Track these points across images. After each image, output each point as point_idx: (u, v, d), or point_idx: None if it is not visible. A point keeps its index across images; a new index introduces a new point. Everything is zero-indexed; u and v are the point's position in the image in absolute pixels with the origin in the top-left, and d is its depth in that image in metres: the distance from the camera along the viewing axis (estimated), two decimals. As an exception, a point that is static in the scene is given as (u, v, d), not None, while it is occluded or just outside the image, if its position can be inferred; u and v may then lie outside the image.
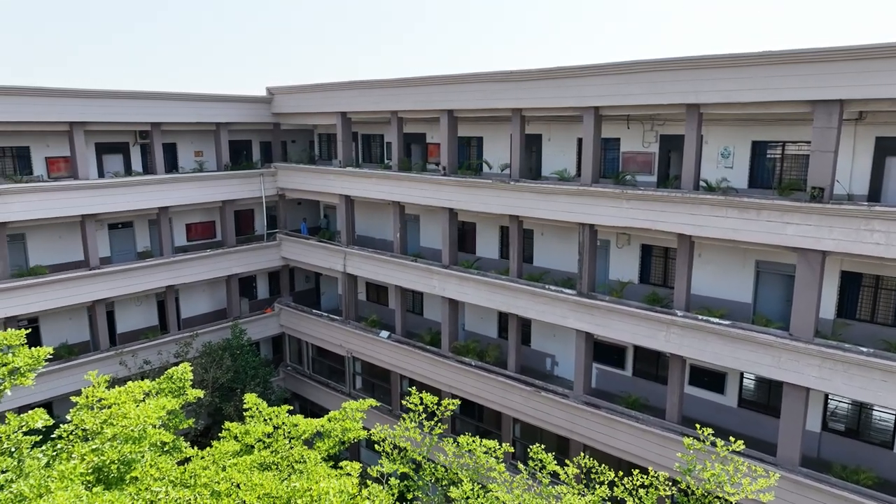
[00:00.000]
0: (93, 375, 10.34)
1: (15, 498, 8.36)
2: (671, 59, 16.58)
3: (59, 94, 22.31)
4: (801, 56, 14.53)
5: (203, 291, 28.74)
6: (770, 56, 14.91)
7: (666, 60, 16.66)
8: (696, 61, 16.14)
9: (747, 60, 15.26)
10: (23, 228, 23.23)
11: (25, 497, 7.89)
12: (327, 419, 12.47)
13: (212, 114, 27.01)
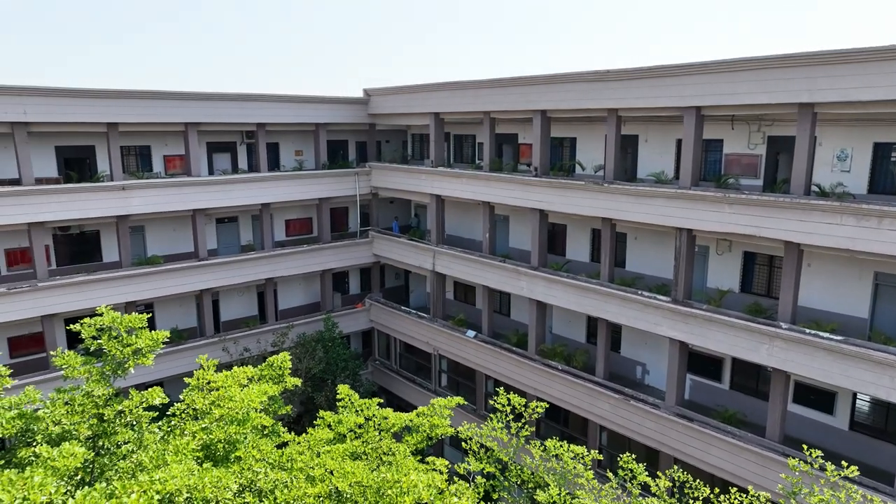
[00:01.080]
0: (203, 359, 11.07)
1: (135, 467, 9.11)
2: (783, 56, 15.62)
3: (177, 97, 24.04)
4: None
5: (299, 285, 30.06)
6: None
7: (777, 57, 15.72)
8: (811, 57, 15.12)
9: (872, 55, 14.13)
10: (143, 221, 25.21)
11: (145, 467, 8.57)
12: (416, 414, 12.71)
13: (312, 115, 28.20)
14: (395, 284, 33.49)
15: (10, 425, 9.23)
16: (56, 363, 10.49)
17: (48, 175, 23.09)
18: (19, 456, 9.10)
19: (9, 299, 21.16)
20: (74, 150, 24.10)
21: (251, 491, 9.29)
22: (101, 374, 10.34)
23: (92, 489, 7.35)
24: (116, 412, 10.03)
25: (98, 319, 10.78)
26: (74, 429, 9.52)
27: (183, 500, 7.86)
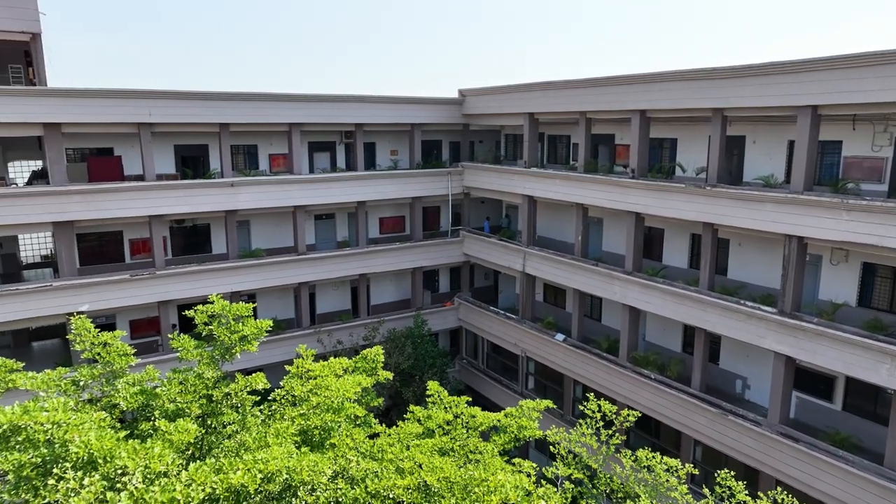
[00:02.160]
0: (302, 349, 11.59)
1: (239, 446, 9.69)
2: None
3: (283, 98, 25.29)
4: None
5: (390, 281, 30.79)
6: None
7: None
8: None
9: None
10: (248, 216, 26.72)
11: (248, 447, 9.09)
12: (504, 414, 12.69)
13: (408, 115, 28.80)
14: (485, 284, 33.58)
15: (133, 400, 10.06)
16: (173, 346, 11.33)
17: (167, 172, 24.96)
18: (140, 428, 9.90)
19: (131, 285, 23.07)
20: (190, 149, 25.91)
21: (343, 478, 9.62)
22: (211, 358, 11.06)
23: (202, 463, 7.89)
24: (224, 394, 10.71)
25: (209, 307, 11.55)
26: (187, 407, 10.25)
27: (282, 480, 8.27)
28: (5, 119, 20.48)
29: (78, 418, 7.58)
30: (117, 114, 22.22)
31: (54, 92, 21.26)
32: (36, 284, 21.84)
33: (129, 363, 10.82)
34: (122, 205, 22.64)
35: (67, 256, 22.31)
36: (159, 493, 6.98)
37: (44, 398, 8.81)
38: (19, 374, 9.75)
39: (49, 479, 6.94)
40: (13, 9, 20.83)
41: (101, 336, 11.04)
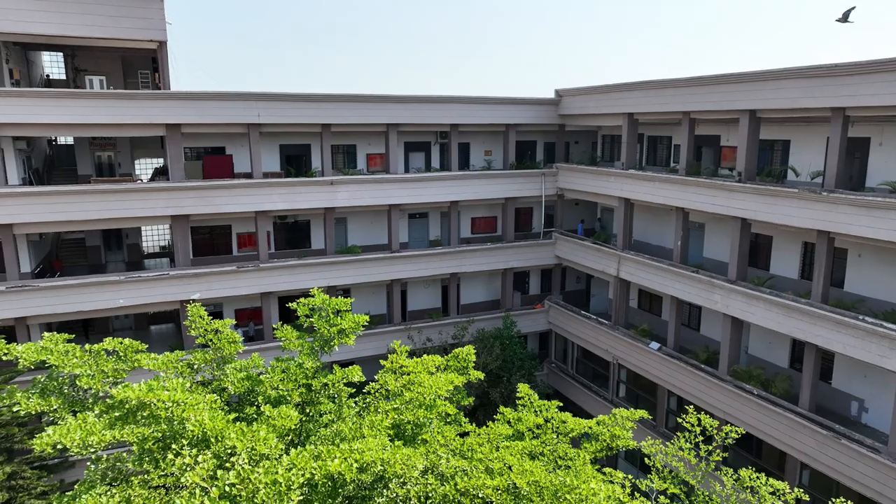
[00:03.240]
0: (396, 345, 11.84)
1: (335, 435, 10.04)
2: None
3: (382, 100, 25.97)
4: None
5: (481, 281, 30.87)
6: None
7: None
8: None
9: None
10: (346, 213, 27.66)
11: (345, 437, 9.41)
12: (595, 422, 12.40)
13: (503, 116, 28.75)
14: (576, 288, 32.96)
15: (240, 385, 10.68)
16: (276, 335, 11.92)
17: (273, 170, 26.29)
18: (246, 412, 10.48)
19: (237, 276, 24.49)
20: (294, 149, 27.16)
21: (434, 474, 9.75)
22: (311, 349, 11.55)
23: (302, 449, 8.23)
24: (322, 384, 11.14)
25: (311, 300, 12.05)
26: (288, 394, 10.75)
27: (376, 471, 8.48)
28: (134, 120, 22.34)
29: (193, 399, 8.12)
30: (230, 115, 23.65)
31: (176, 95, 22.94)
32: (155, 273, 23.68)
33: (238, 350, 11.47)
34: (231, 200, 24.07)
35: (182, 248, 24.01)
36: (263, 474, 7.36)
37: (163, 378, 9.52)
38: (143, 355, 10.58)
39: (168, 454, 7.50)
40: (143, 20, 22.67)
41: (213, 323, 11.78)
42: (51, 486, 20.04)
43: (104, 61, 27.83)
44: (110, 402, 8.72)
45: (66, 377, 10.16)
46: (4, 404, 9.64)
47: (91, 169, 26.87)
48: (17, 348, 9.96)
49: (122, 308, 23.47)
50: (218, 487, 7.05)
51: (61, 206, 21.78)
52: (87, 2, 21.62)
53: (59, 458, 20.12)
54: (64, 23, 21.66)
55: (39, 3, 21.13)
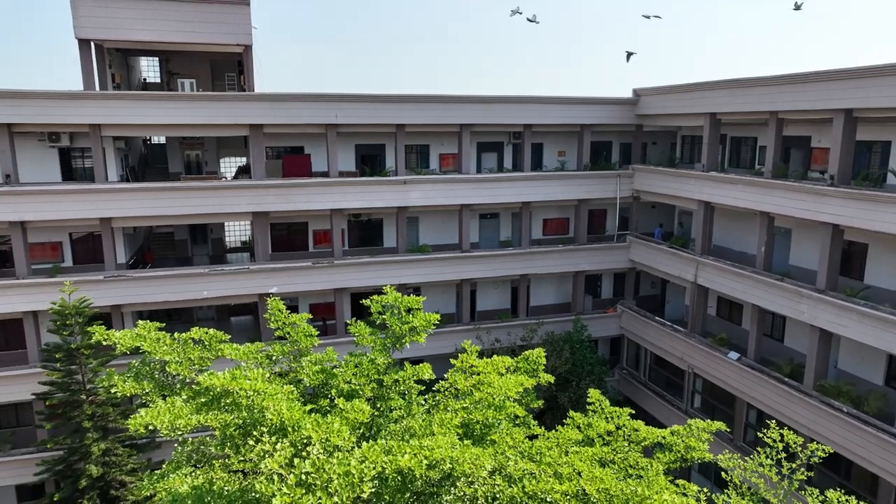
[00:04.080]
0: (467, 344, 11.91)
1: (405, 431, 10.20)
2: None
3: (456, 100, 26.12)
4: None
5: (551, 283, 30.51)
6: None
7: None
8: None
9: None
10: (417, 212, 28.00)
11: (414, 433, 9.54)
12: (669, 432, 12.03)
13: (577, 116, 28.29)
14: (651, 293, 32.01)
15: (315, 377, 11.03)
16: (350, 331, 12.23)
17: (348, 169, 26.96)
18: (320, 404, 10.82)
19: (313, 272, 25.28)
20: (369, 148, 27.74)
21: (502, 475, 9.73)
22: (383, 346, 11.79)
23: (374, 443, 8.41)
24: (393, 380, 11.35)
25: (383, 297, 12.30)
26: (360, 389, 11.02)
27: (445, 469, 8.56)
28: (221, 121, 23.48)
29: (272, 389, 8.48)
30: (309, 116, 24.44)
31: (259, 97, 23.93)
32: (237, 267, 24.80)
33: (313, 343, 11.86)
34: (308, 198, 24.86)
35: (262, 243, 25.01)
36: (337, 465, 7.57)
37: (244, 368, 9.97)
38: (226, 345, 11.12)
39: (248, 440, 7.85)
40: (230, 24, 23.78)
41: (290, 317, 12.23)
42: (139, 463, 21.38)
43: (195, 65, 29.38)
44: (196, 388, 9.22)
45: (157, 363, 10.82)
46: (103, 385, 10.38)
47: (181, 167, 28.46)
48: (115, 334, 10.69)
49: (206, 299, 24.71)
50: (294, 475, 7.31)
51: (154, 202, 23.18)
52: (183, 10, 22.90)
53: (148, 439, 21.41)
54: (162, 29, 23.03)
55: (142, 13, 22.57)
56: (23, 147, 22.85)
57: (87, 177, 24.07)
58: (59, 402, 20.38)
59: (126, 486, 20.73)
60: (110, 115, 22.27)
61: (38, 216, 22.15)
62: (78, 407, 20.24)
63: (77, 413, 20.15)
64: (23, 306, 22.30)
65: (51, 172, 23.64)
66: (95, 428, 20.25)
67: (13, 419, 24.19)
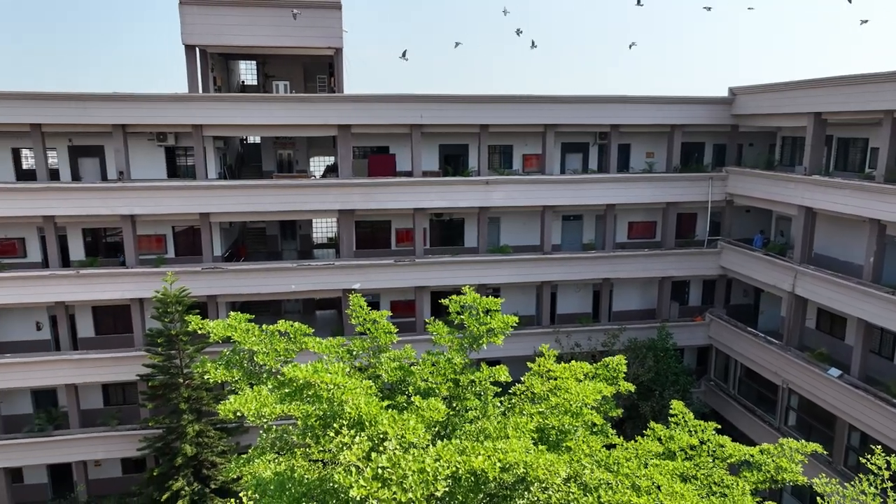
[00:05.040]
0: (545, 348, 11.78)
1: (479, 432, 10.21)
2: None
3: (541, 100, 25.85)
4: None
5: (635, 288, 29.60)
6: None
7: None
8: None
9: None
10: (499, 213, 27.93)
11: (489, 435, 9.54)
12: (759, 450, 11.39)
13: (668, 116, 27.27)
14: (743, 302, 30.37)
15: (393, 374, 11.26)
16: (428, 329, 12.37)
17: (431, 169, 27.28)
18: (397, 400, 11.03)
19: (394, 270, 25.79)
20: (452, 148, 27.95)
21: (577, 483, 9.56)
22: (461, 346, 11.85)
23: (448, 442, 8.48)
24: (469, 381, 11.39)
25: (462, 298, 12.36)
26: (437, 388, 11.13)
27: (518, 473, 8.51)
28: (311, 121, 24.40)
29: (352, 383, 8.72)
30: (395, 116, 24.94)
31: (347, 98, 24.67)
32: (323, 262, 25.69)
33: (392, 340, 12.09)
34: (392, 197, 25.38)
35: (347, 240, 25.77)
36: (412, 461, 7.70)
37: (326, 361, 10.32)
38: (309, 339, 11.55)
39: (328, 432, 8.12)
40: (322, 28, 24.67)
41: (371, 314, 12.53)
42: (229, 446, 22.61)
43: (289, 67, 30.68)
44: (281, 378, 9.64)
45: (246, 352, 11.39)
46: (198, 371, 11.04)
47: (273, 165, 29.80)
48: (208, 324, 11.36)
49: (294, 293, 25.76)
50: (371, 469, 7.50)
51: (248, 199, 24.41)
52: (279, 15, 23.98)
53: (237, 424, 22.58)
54: (260, 34, 24.24)
55: (243, 19, 23.84)
56: (134, 146, 24.69)
57: (189, 174, 25.68)
58: (159, 384, 21.87)
59: (216, 467, 21.98)
60: (211, 116, 23.67)
61: (146, 210, 23.85)
62: (176, 389, 21.64)
63: (175, 395, 21.55)
64: (131, 294, 24.09)
65: (158, 170, 25.41)
66: (191, 410, 21.59)
67: (121, 397, 26.24)
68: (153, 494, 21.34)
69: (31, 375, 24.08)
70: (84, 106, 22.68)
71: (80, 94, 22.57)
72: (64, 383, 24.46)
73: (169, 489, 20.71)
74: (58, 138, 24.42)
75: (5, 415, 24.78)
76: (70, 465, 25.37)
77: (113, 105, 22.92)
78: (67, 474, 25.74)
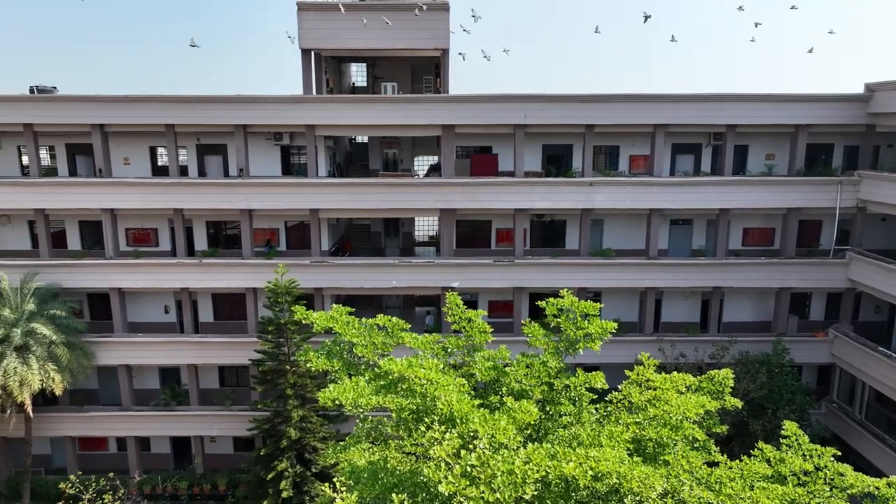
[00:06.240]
0: (645, 357, 11.35)
1: (572, 439, 10.01)
2: None
3: (650, 99, 24.86)
4: None
5: (749, 299, 27.79)
6: None
7: None
8: None
9: None
10: (602, 215, 27.18)
11: (582, 442, 9.33)
12: (886, 483, 10.34)
13: (791, 115, 25.32)
14: (874, 319, 27.65)
15: (486, 373, 11.28)
16: (524, 331, 12.28)
17: (534, 169, 27.02)
18: (489, 400, 11.04)
19: (493, 270, 25.81)
20: (556, 149, 27.55)
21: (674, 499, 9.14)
22: (556, 349, 11.66)
23: (539, 446, 8.39)
24: (564, 385, 11.20)
25: (560, 301, 12.16)
26: (530, 390, 11.03)
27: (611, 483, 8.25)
28: (416, 121, 24.94)
29: (445, 380, 8.83)
30: (499, 116, 24.95)
31: (451, 98, 24.98)
32: (423, 260, 26.23)
33: (487, 340, 12.12)
34: (494, 197, 25.40)
35: (447, 239, 26.11)
36: (501, 462, 7.68)
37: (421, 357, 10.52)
38: (406, 334, 11.82)
39: (420, 426, 8.27)
40: (430, 30, 25.12)
41: (467, 312, 12.62)
42: (329, 433, 23.62)
43: (397, 69, 31.54)
44: (378, 371, 9.94)
45: (346, 344, 11.85)
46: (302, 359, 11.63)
47: (379, 164, 30.76)
48: (312, 315, 11.93)
49: (394, 288, 26.46)
50: (460, 466, 7.56)
51: (355, 196, 25.39)
52: (389, 18, 24.73)
53: (336, 412, 23.54)
54: (371, 37, 25.11)
55: (355, 23, 24.81)
56: (253, 145, 26.37)
57: (301, 172, 27.08)
58: (268, 369, 23.24)
59: (317, 452, 23.04)
60: (323, 116, 24.82)
61: (262, 205, 25.42)
62: (283, 375, 22.90)
63: (282, 381, 22.81)
64: (246, 283, 25.79)
65: (273, 167, 26.99)
66: (295, 396, 22.76)
67: (235, 379, 28.19)
68: (260, 473, 22.70)
69: (158, 354, 26.46)
70: (210, 108, 24.57)
71: (207, 96, 24.47)
72: (186, 363, 26.65)
73: (274, 469, 21.95)
74: (187, 137, 26.57)
75: (137, 388, 27.33)
76: (189, 439, 27.58)
77: (235, 107, 24.66)
78: (187, 447, 28.00)
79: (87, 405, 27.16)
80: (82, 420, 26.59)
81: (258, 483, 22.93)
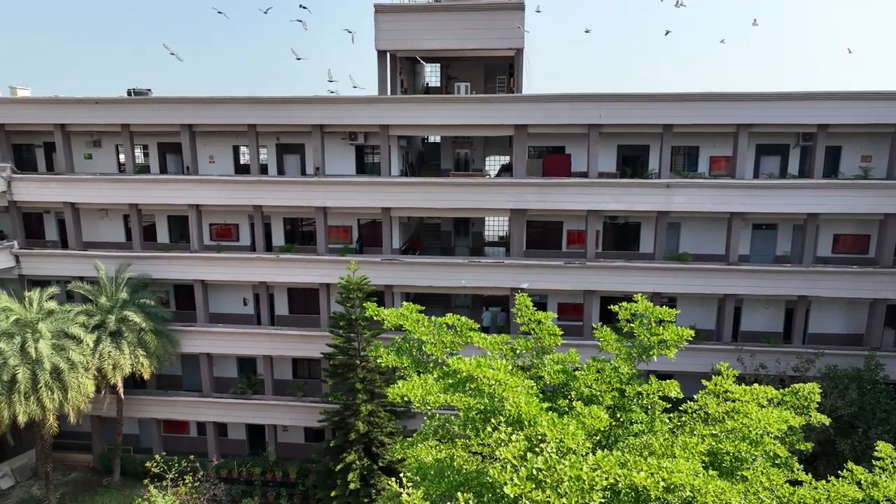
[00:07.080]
0: (723, 367, 10.88)
1: (644, 447, 9.73)
2: None
3: (732, 98, 23.77)
4: None
5: (838, 309, 26.14)
6: None
7: None
8: None
9: None
10: (679, 218, 26.24)
11: (654, 451, 9.05)
12: None
13: (891, 114, 23.58)
14: (982, 336, 25.42)
15: (556, 376, 11.13)
16: (595, 335, 12.05)
17: (608, 170, 26.42)
18: (558, 403, 10.89)
19: (564, 272, 25.43)
20: (631, 149, 26.81)
21: (752, 517, 8.72)
22: (628, 355, 11.37)
23: (608, 453, 8.19)
24: (636, 392, 10.89)
25: (633, 305, 11.84)
26: (600, 395, 10.80)
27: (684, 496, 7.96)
28: (489, 121, 24.91)
29: (513, 381, 8.78)
30: (572, 116, 24.53)
31: (524, 98, 24.78)
32: (493, 260, 26.16)
33: (557, 343, 11.95)
34: (566, 198, 25.01)
35: (518, 239, 25.94)
36: (569, 467, 7.55)
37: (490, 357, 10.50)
38: (475, 334, 11.83)
39: (487, 426, 8.26)
40: (503, 30, 25.03)
41: (536, 314, 12.49)
42: (396, 428, 23.97)
43: (470, 69, 31.61)
44: (446, 369, 10.00)
45: (415, 341, 11.99)
46: (372, 355, 11.86)
47: (451, 164, 30.93)
48: (383, 312, 12.13)
49: (463, 288, 26.54)
50: (526, 468, 7.49)
51: (426, 195, 25.62)
52: (464, 18, 24.82)
53: (404, 408, 23.83)
54: (446, 38, 25.31)
55: (430, 24, 25.07)
56: (329, 144, 27.11)
57: (374, 171, 27.61)
58: (339, 363, 23.84)
59: (384, 446, 23.42)
60: (397, 116, 25.21)
61: (336, 203, 26.09)
62: (353, 370, 23.42)
63: (352, 375, 23.34)
64: (320, 279, 26.56)
65: (348, 166, 27.66)
66: (365, 390, 23.23)
67: (307, 372, 29.10)
68: (329, 464, 23.32)
69: (236, 344, 27.67)
70: (290, 108, 25.44)
71: (287, 97, 25.35)
72: (262, 354, 27.74)
73: (342, 461, 22.49)
74: (268, 137, 27.63)
75: (216, 376, 28.69)
76: (263, 427, 28.70)
77: (313, 107, 25.43)
78: (261, 435, 29.15)
79: (172, 390, 28.76)
80: (167, 404, 28.18)
81: (327, 473, 23.57)
